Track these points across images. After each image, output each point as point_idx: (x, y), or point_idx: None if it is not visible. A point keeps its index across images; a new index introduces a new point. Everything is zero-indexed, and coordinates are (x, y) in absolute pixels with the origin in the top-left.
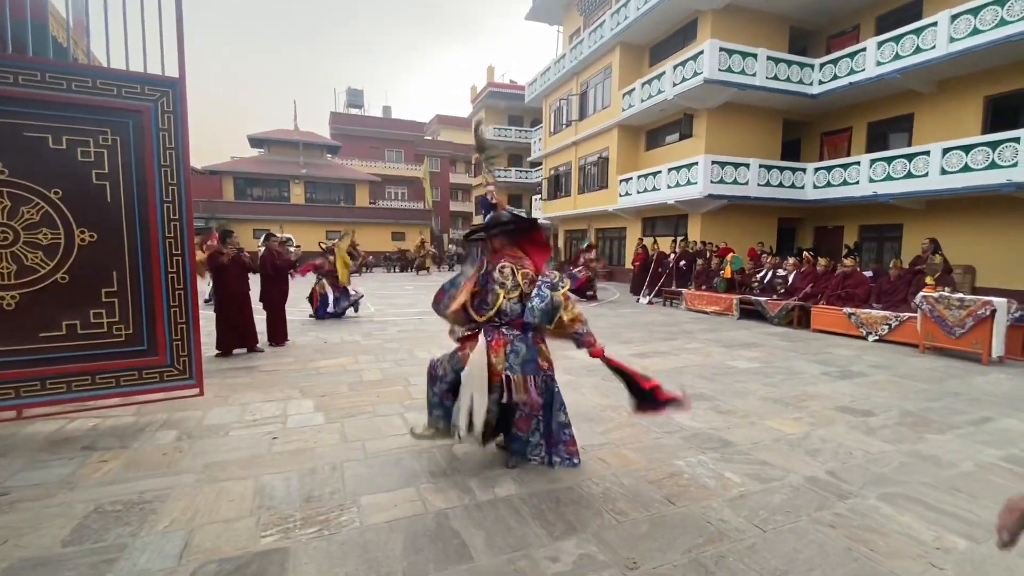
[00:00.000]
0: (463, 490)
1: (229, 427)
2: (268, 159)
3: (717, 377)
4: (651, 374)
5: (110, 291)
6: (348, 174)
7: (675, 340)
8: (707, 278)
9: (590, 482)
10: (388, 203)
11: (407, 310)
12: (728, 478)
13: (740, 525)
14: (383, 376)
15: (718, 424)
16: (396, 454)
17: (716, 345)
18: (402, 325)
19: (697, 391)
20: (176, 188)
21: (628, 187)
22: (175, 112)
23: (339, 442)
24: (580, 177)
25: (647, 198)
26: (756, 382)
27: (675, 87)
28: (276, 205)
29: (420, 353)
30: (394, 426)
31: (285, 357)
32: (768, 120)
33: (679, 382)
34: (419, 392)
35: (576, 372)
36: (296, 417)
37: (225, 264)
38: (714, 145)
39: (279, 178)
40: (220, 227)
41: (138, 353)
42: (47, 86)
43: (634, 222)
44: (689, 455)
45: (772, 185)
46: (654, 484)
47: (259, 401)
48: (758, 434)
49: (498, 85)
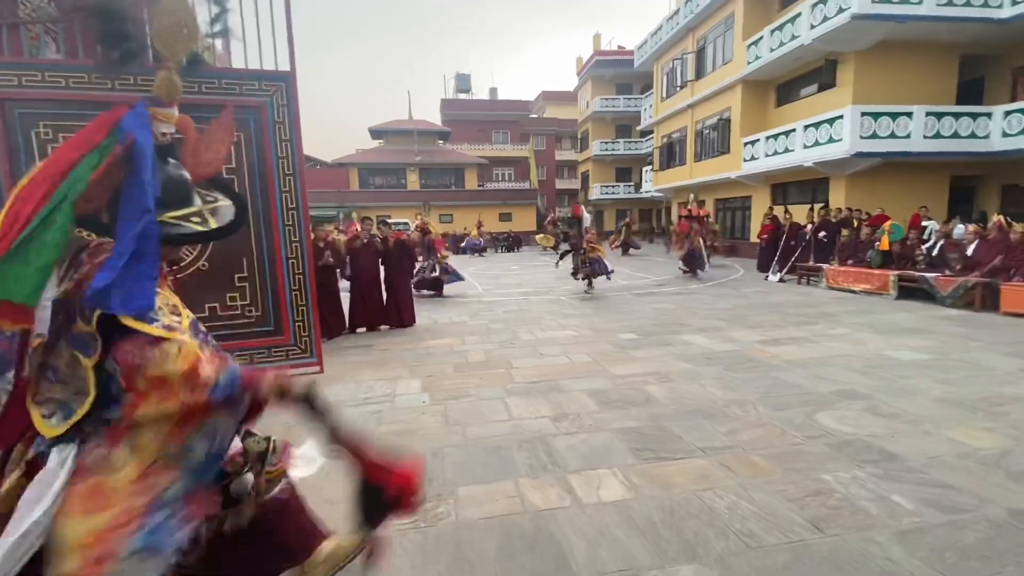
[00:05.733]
0: (565, 488)
1: (344, 404)
2: (387, 149)
3: (873, 371)
4: (772, 368)
5: (241, 276)
6: (458, 158)
7: (815, 324)
8: (855, 251)
9: (712, 493)
10: (496, 185)
11: (513, 291)
12: (896, 503)
13: (917, 570)
14: (487, 358)
15: (877, 430)
16: (496, 442)
17: (868, 331)
18: (508, 306)
19: (847, 387)
20: (292, 178)
21: (754, 150)
22: (288, 105)
23: (441, 425)
24: (697, 143)
25: (777, 161)
26: (927, 378)
27: (814, 29)
28: (394, 192)
29: (524, 335)
30: (495, 411)
31: (399, 337)
32: (939, 58)
33: (817, 375)
34: (521, 376)
35: (695, 360)
36: (403, 397)
37: (359, 248)
38: (865, 94)
39: (397, 166)
40: (347, 215)
41: (267, 333)
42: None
43: (761, 190)
44: (839, 468)
45: (943, 136)
46: (794, 503)
47: (372, 379)
48: (935, 447)
49: (604, 53)
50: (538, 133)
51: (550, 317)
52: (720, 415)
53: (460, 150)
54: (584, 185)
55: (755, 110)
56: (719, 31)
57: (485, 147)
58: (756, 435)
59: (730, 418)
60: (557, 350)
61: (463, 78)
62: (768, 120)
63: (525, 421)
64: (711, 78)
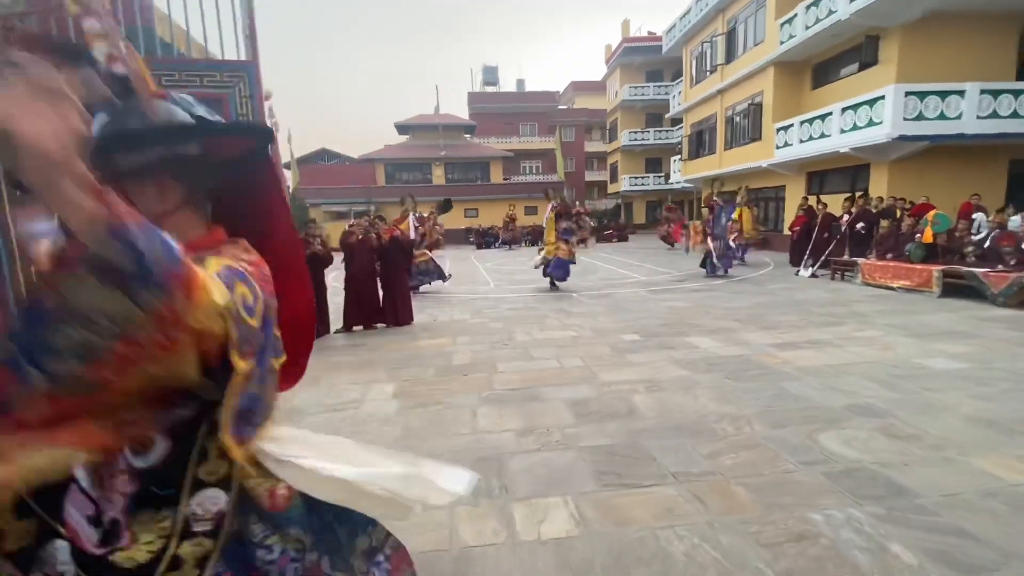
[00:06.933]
0: (504, 520)
1: (308, 411)
2: (412, 144)
3: (897, 381)
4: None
5: None
6: (483, 152)
7: (840, 325)
8: (895, 244)
9: (673, 532)
10: (523, 178)
11: (524, 287)
12: (895, 556)
13: None
14: (473, 360)
15: (889, 456)
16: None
17: (901, 333)
18: (514, 303)
19: (862, 401)
20: None
21: (787, 136)
22: (252, 96)
23: (398, 438)
24: (727, 130)
25: (812, 147)
26: (960, 391)
27: (852, 3)
28: (420, 187)
29: (520, 335)
30: (461, 422)
31: (393, 335)
32: (995, 29)
33: (831, 385)
34: (502, 382)
35: (695, 366)
36: (371, 404)
37: (354, 244)
38: (910, 71)
39: (422, 161)
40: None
41: None
42: None
43: (796, 178)
44: (833, 505)
45: (1001, 116)
46: (769, 549)
47: (346, 383)
48: (956, 480)
49: (633, 40)
50: (566, 124)
51: (555, 316)
52: (707, 432)
53: (486, 143)
54: (613, 176)
55: (788, 93)
56: (750, 10)
57: (512, 140)
58: (743, 459)
59: (717, 436)
60: (549, 353)
61: (490, 71)
62: (803, 104)
63: (488, 435)
64: (742, 61)
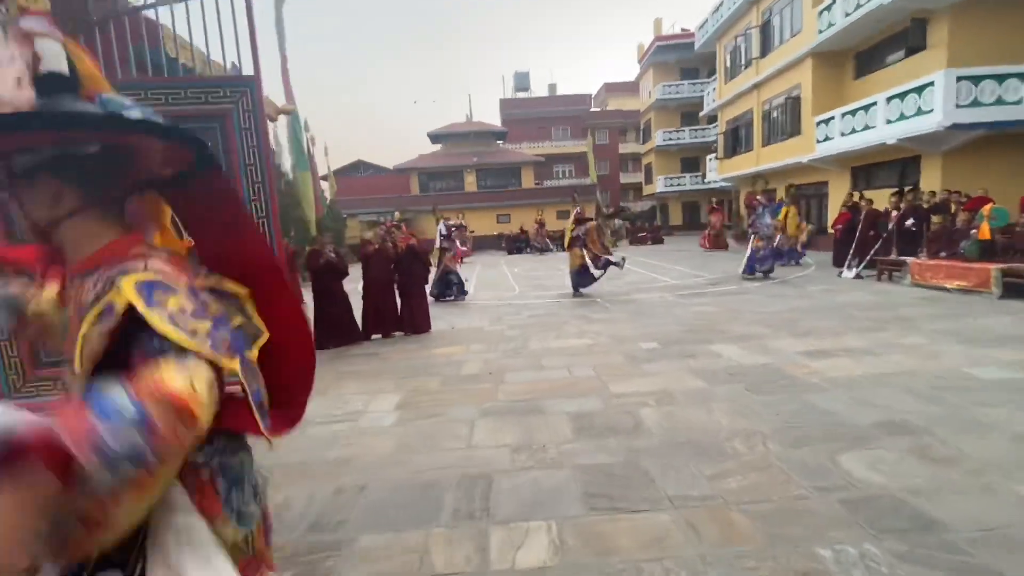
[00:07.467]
0: (479, 546)
1: (311, 422)
2: (445, 153)
3: (940, 394)
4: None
5: None
6: (514, 158)
7: (882, 331)
8: (949, 241)
9: (659, 566)
10: (555, 182)
11: (549, 293)
12: None
13: None
14: (481, 370)
15: (919, 481)
16: (434, 476)
17: (951, 340)
18: (535, 310)
19: (896, 417)
20: (261, 186)
21: (828, 129)
22: (254, 110)
23: (390, 451)
24: (764, 126)
25: (856, 140)
26: (1010, 405)
27: None
28: (453, 195)
29: (535, 344)
30: (456, 436)
31: (408, 344)
32: None
33: (862, 399)
34: (507, 393)
35: (714, 377)
36: (371, 415)
37: (370, 253)
38: (962, 54)
39: (454, 169)
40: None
41: None
42: (149, 103)
43: (839, 174)
44: (846, 538)
45: None
46: None
47: (353, 393)
48: (995, 511)
49: (666, 37)
50: (600, 127)
51: (575, 322)
52: (715, 451)
53: (518, 149)
54: (648, 178)
55: (828, 85)
56: (785, 0)
57: (545, 144)
58: (750, 482)
59: (726, 455)
60: (561, 362)
61: (521, 77)
62: (844, 95)
63: (481, 450)
64: (778, 53)
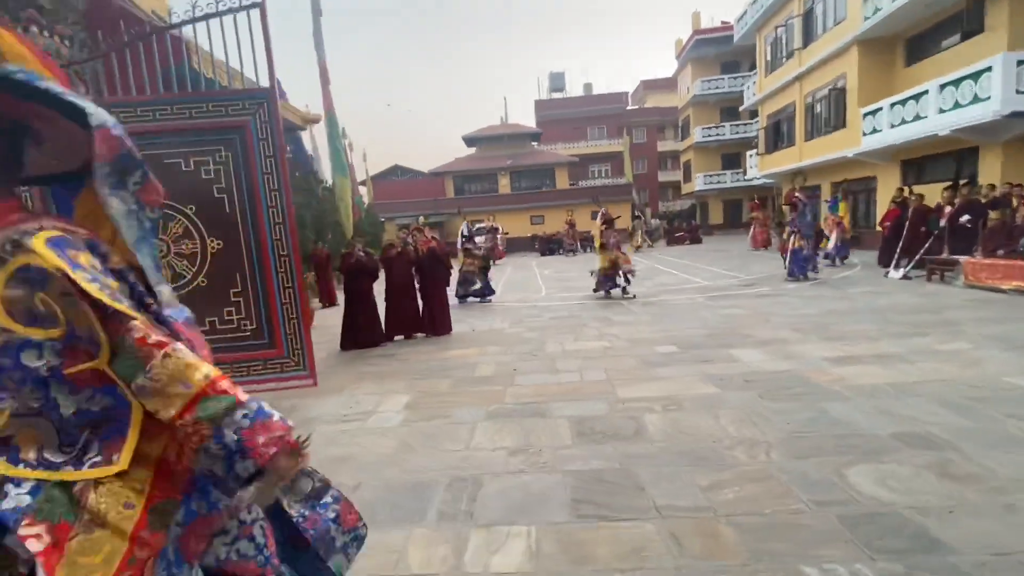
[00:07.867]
0: (457, 547)
1: (321, 420)
2: (479, 156)
3: (974, 405)
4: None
5: (236, 291)
6: (549, 159)
7: (922, 336)
8: (1008, 239)
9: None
10: (591, 182)
11: (575, 294)
12: None
13: None
14: (494, 372)
15: (931, 499)
16: (428, 477)
17: (996, 346)
18: (557, 312)
19: (920, 429)
20: (278, 193)
21: (876, 121)
22: (270, 121)
23: (390, 452)
24: (806, 119)
25: (906, 132)
26: None
27: None
28: (487, 197)
29: (551, 346)
30: (457, 438)
31: (427, 346)
32: None
33: (885, 408)
34: (515, 396)
35: (729, 383)
36: (380, 416)
37: (392, 256)
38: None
39: (488, 172)
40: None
41: (262, 346)
42: (176, 117)
43: (888, 168)
44: (837, 556)
45: None
46: None
47: (365, 393)
48: (1012, 534)
49: (705, 31)
50: (637, 125)
51: (595, 324)
52: (715, 460)
53: (552, 150)
54: (687, 176)
55: (876, 74)
56: None
57: (580, 144)
58: (746, 493)
59: (725, 465)
60: (574, 365)
61: (556, 77)
62: (894, 84)
63: (478, 453)
64: (821, 42)
